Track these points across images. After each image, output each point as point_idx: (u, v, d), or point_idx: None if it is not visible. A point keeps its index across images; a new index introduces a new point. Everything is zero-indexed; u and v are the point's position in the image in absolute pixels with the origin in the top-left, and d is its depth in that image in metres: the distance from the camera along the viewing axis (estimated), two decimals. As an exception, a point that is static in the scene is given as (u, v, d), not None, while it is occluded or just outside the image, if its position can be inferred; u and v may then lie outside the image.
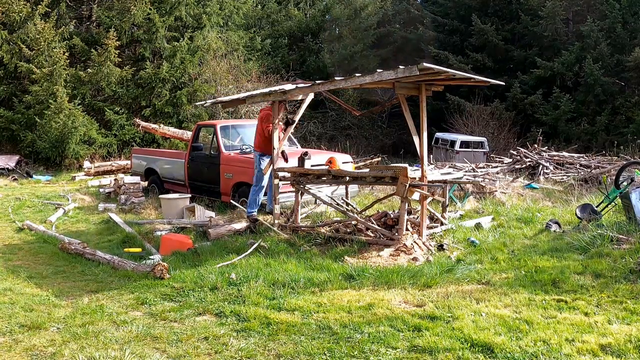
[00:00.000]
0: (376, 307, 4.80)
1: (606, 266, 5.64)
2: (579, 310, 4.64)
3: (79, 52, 19.23)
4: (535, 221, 8.06)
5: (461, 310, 4.62)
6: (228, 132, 10.85)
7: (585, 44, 21.77)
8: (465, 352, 3.84)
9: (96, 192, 12.85)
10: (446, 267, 5.88)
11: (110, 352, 3.98)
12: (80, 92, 18.51)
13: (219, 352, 4.02)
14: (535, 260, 6.06)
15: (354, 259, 6.33)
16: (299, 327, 4.42)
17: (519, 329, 4.21)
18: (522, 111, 23.12)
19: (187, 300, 5.22)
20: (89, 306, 5.10)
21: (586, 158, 15.20)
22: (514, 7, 25.36)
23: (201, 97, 20.14)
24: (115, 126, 18.94)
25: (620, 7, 21.49)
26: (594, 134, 20.86)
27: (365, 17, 29.25)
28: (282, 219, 8.17)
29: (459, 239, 7.27)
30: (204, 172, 10.43)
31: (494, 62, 24.96)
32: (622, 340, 3.95)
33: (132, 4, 18.85)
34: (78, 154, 17.83)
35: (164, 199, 9.71)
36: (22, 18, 18.19)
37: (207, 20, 21.39)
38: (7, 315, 4.83)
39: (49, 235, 8.49)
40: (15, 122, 18.08)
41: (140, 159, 12.73)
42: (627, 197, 7.05)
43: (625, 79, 21.23)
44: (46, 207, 11.28)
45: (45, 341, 4.22)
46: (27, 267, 6.74)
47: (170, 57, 19.88)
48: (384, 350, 3.96)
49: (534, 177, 13.73)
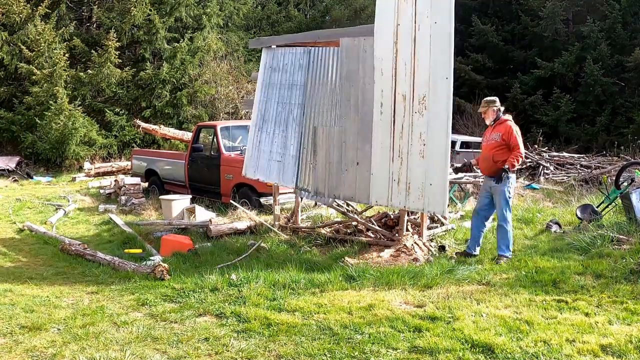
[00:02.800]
0: (377, 307, 4.80)
1: (607, 266, 5.64)
2: (579, 310, 4.63)
3: (79, 53, 19.24)
4: (535, 221, 8.06)
5: (462, 311, 4.62)
6: (228, 133, 10.87)
7: (585, 45, 21.75)
8: (465, 353, 3.84)
9: (96, 193, 12.86)
10: (447, 268, 5.88)
11: (111, 353, 3.98)
12: (81, 93, 18.51)
13: (219, 353, 4.02)
14: (535, 260, 6.06)
15: (355, 260, 6.33)
16: (300, 328, 4.42)
17: (520, 330, 4.21)
18: (522, 112, 23.08)
19: (188, 301, 5.22)
20: (89, 307, 5.10)
21: (586, 158, 15.21)
22: (514, 8, 25.34)
23: (201, 98, 20.15)
24: (116, 127, 18.94)
25: (620, 8, 21.48)
26: (594, 134, 20.84)
27: (365, 18, 29.22)
28: (282, 220, 8.17)
29: (459, 240, 7.28)
30: (204, 173, 10.44)
31: (494, 63, 24.94)
32: (622, 341, 3.95)
33: (132, 5, 18.86)
34: (78, 155, 17.82)
35: (164, 200, 9.72)
36: (23, 19, 18.19)
37: (207, 21, 21.40)
38: (7, 316, 4.84)
39: (49, 236, 8.49)
40: (16, 123, 18.08)
41: (140, 160, 12.74)
42: (628, 197, 7.05)
43: (625, 79, 21.21)
44: (46, 208, 11.29)
45: (45, 342, 4.22)
46: (27, 268, 6.74)
47: (171, 58, 19.89)
48: (384, 350, 3.95)
49: (534, 177, 13.74)
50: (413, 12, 6.20)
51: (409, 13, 6.23)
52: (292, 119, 7.59)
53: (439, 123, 6.06)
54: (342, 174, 6.97)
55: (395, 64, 6.36)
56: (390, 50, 6.40)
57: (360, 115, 6.74)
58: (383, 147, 6.49)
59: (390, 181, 6.44)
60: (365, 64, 6.69)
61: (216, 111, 20.20)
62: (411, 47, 6.22)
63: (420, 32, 6.16)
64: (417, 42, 6.19)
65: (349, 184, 6.90)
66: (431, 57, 6.09)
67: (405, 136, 6.28)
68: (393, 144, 6.40)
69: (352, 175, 6.85)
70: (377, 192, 6.59)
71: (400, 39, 6.31)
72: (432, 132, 6.09)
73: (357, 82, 6.79)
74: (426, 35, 6.12)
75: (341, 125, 6.97)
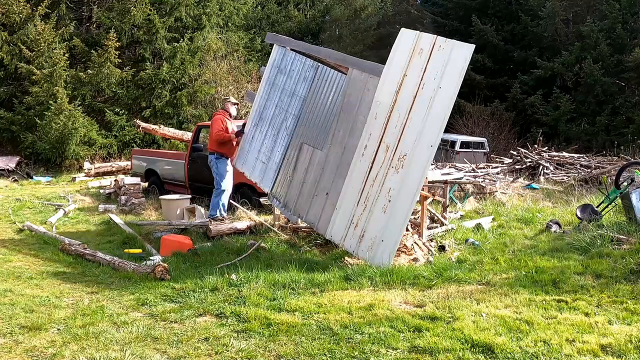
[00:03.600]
0: (376, 307, 4.80)
1: (606, 266, 5.64)
2: (579, 310, 4.64)
3: (79, 53, 19.24)
4: (535, 221, 8.06)
5: (461, 311, 4.62)
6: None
7: (585, 44, 21.76)
8: (465, 353, 3.84)
9: (96, 193, 12.86)
10: (447, 268, 5.88)
11: (111, 353, 3.98)
12: (81, 93, 18.52)
13: (219, 353, 4.02)
14: (535, 260, 6.07)
15: (355, 260, 6.33)
16: (300, 328, 4.42)
17: (520, 330, 4.21)
18: (522, 111, 23.11)
19: (188, 301, 5.22)
20: (89, 307, 5.10)
21: (586, 158, 15.20)
22: (513, 8, 25.36)
23: (201, 98, 20.14)
24: (116, 127, 18.94)
25: (620, 7, 21.48)
26: (594, 134, 20.84)
27: (365, 17, 29.26)
28: (282, 220, 8.18)
29: (459, 240, 7.28)
30: (204, 172, 10.42)
31: (494, 63, 24.96)
32: (622, 341, 3.95)
33: (132, 5, 18.86)
34: (78, 155, 17.83)
35: (164, 200, 9.72)
36: (22, 19, 18.20)
37: (207, 21, 21.39)
38: (7, 316, 4.83)
39: (49, 236, 8.49)
40: (16, 123, 18.08)
41: (140, 160, 12.73)
42: (628, 197, 7.06)
43: (625, 79, 21.22)
44: (46, 208, 11.28)
45: (45, 342, 4.22)
46: (27, 268, 6.74)
47: (170, 58, 19.89)
48: (384, 350, 3.96)
49: (534, 177, 13.73)
50: (423, 69, 6.13)
51: (418, 68, 6.16)
52: (285, 128, 7.58)
53: (410, 185, 6.05)
54: (312, 198, 6.95)
55: (390, 113, 6.31)
56: (390, 97, 6.35)
57: (345, 149, 6.70)
58: (354, 188, 6.47)
59: (350, 223, 6.44)
60: (364, 101, 6.63)
61: (216, 111, 20.18)
62: (410, 102, 6.17)
63: (423, 90, 6.10)
64: (416, 99, 6.13)
65: (315, 210, 6.88)
66: (425, 120, 6.04)
67: (376, 186, 6.27)
68: (363, 189, 6.38)
69: (320, 203, 6.82)
70: (336, 228, 6.57)
71: (403, 91, 6.26)
72: (400, 192, 6.09)
73: (350, 116, 6.73)
74: (427, 97, 6.06)
75: (325, 151, 6.94)
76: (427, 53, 6.12)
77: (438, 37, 6.16)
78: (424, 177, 6.12)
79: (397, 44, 6.48)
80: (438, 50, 6.07)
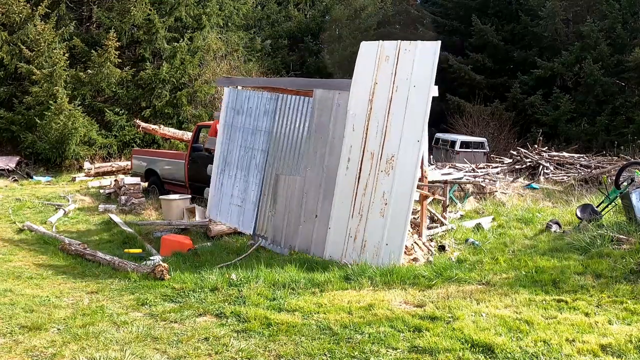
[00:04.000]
0: (376, 307, 4.80)
1: (606, 266, 5.64)
2: (579, 310, 4.64)
3: (79, 53, 19.22)
4: (535, 221, 8.06)
5: (461, 311, 4.62)
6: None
7: (585, 44, 21.74)
8: (465, 353, 3.84)
9: (96, 193, 12.85)
10: (447, 268, 5.88)
11: (111, 352, 3.99)
12: (80, 93, 18.51)
13: (219, 353, 4.02)
14: (535, 260, 6.06)
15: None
16: (300, 328, 4.42)
17: (520, 329, 4.21)
18: (522, 111, 23.09)
19: (188, 301, 5.22)
20: (89, 307, 5.11)
21: (586, 158, 15.19)
22: (513, 8, 25.35)
23: (201, 97, 20.14)
24: (116, 127, 18.93)
25: (620, 7, 21.47)
26: (594, 134, 20.83)
27: (365, 17, 29.22)
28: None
29: (459, 240, 7.28)
30: (204, 173, 10.42)
31: (494, 63, 24.94)
32: (622, 341, 3.96)
33: (132, 5, 18.85)
34: (78, 155, 17.82)
35: (164, 200, 9.72)
36: (22, 19, 18.18)
37: (207, 21, 21.38)
38: (7, 316, 4.84)
39: (49, 236, 8.49)
40: (16, 123, 18.07)
41: (140, 160, 12.73)
42: (628, 197, 7.05)
43: (625, 79, 21.20)
44: (46, 208, 11.28)
45: (45, 342, 4.22)
46: (27, 268, 6.74)
47: (170, 58, 19.88)
48: (384, 350, 3.96)
49: (534, 177, 13.73)
50: (393, 72, 6.22)
51: (388, 73, 6.25)
52: (255, 165, 7.61)
53: (404, 185, 6.08)
54: (300, 225, 6.96)
55: (368, 121, 6.37)
56: (364, 106, 6.41)
57: (325, 168, 6.73)
58: (344, 203, 6.49)
59: (347, 237, 6.45)
60: (337, 118, 6.69)
61: (216, 111, 20.19)
62: (386, 107, 6.24)
63: (397, 93, 6.19)
64: (392, 102, 6.21)
65: (306, 236, 6.88)
66: (406, 119, 6.11)
67: (368, 194, 6.30)
68: (355, 200, 6.42)
69: (310, 228, 6.83)
70: (332, 247, 6.58)
71: (376, 97, 6.33)
72: (396, 193, 6.12)
73: (326, 135, 6.78)
74: (403, 97, 6.14)
75: (305, 175, 6.95)
76: (394, 58, 6.25)
77: (402, 41, 6.27)
78: (417, 173, 6.16)
79: (360, 56, 6.60)
80: (404, 52, 6.19)
